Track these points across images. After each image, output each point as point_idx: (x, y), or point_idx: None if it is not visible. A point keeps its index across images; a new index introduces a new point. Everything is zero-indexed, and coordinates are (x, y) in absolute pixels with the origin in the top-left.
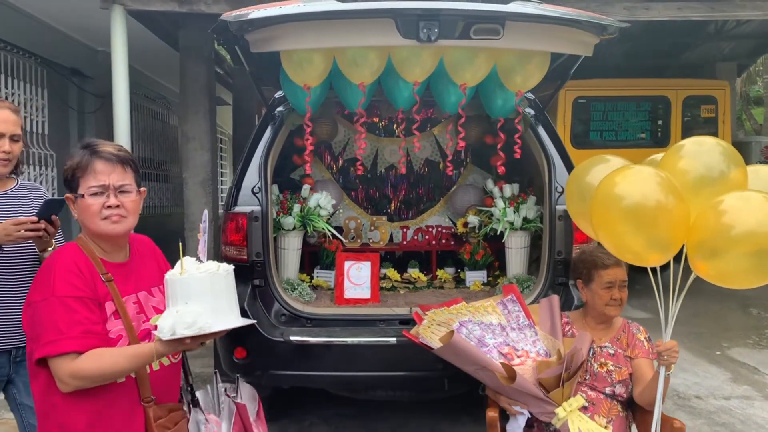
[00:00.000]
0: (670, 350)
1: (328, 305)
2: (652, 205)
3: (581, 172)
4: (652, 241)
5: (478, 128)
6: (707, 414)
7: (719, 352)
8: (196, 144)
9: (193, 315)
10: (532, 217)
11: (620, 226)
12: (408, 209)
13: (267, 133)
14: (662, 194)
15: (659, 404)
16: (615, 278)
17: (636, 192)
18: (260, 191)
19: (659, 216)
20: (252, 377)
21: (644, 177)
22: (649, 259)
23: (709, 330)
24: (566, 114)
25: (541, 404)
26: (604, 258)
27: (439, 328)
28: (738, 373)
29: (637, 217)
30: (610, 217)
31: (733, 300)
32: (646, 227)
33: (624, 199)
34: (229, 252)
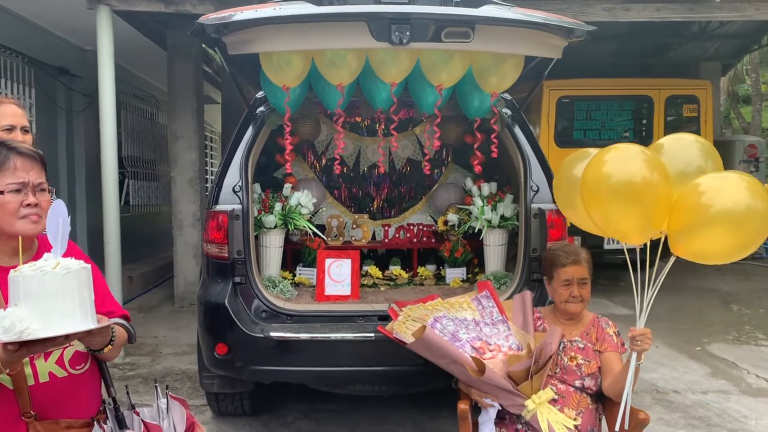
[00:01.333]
0: (643, 336)
1: (309, 302)
2: (638, 182)
3: (568, 166)
4: (638, 218)
5: (459, 128)
6: (684, 408)
7: (699, 348)
8: (184, 143)
9: (10, 318)
10: (509, 215)
11: (609, 203)
12: (390, 208)
13: (248, 132)
14: (648, 171)
15: (628, 391)
16: (572, 276)
17: (623, 169)
18: (241, 190)
19: (645, 192)
20: (233, 372)
21: (631, 155)
22: (633, 236)
23: (690, 326)
24: (550, 113)
25: (510, 397)
26: (563, 256)
27: (414, 324)
28: (716, 368)
29: (625, 194)
30: (600, 194)
31: (714, 296)
32: (633, 203)
33: (612, 176)
34: (210, 249)
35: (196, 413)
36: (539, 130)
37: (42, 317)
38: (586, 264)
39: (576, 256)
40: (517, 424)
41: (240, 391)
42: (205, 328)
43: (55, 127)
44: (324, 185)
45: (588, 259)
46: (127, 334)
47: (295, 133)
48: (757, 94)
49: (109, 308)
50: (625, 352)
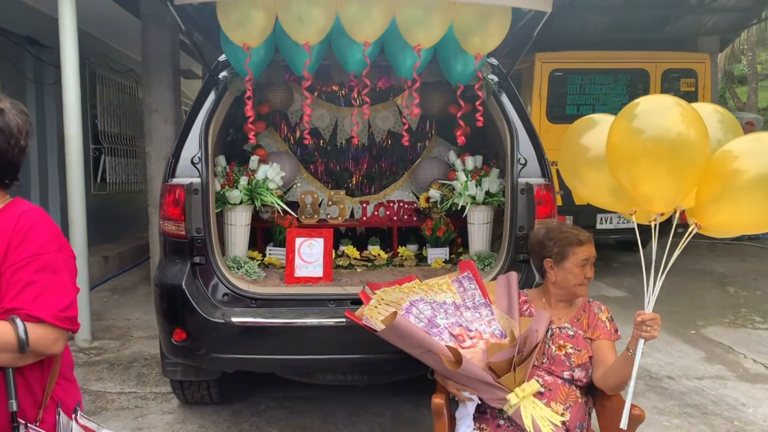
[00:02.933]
0: (653, 321)
1: (277, 284)
2: (674, 137)
3: (574, 134)
4: (671, 180)
5: (442, 98)
6: (679, 395)
7: (694, 331)
8: (159, 116)
9: None
10: (494, 191)
11: (638, 163)
12: (370, 184)
13: (209, 99)
14: (685, 126)
15: (632, 386)
16: (590, 255)
17: (658, 123)
18: (200, 162)
19: (682, 149)
20: (193, 360)
21: (666, 107)
22: (660, 202)
23: (685, 309)
24: (542, 87)
25: (491, 390)
26: (579, 234)
27: (387, 309)
28: (712, 353)
29: (658, 151)
30: (629, 152)
31: (710, 278)
32: (667, 162)
33: (644, 131)
34: (167, 227)
35: (162, 401)
36: (530, 105)
37: None
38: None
39: (587, 234)
40: (499, 419)
41: (206, 378)
42: (161, 312)
43: (23, 100)
44: (298, 159)
45: None
46: (15, 337)
47: (265, 101)
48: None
49: (13, 305)
50: (618, 339)
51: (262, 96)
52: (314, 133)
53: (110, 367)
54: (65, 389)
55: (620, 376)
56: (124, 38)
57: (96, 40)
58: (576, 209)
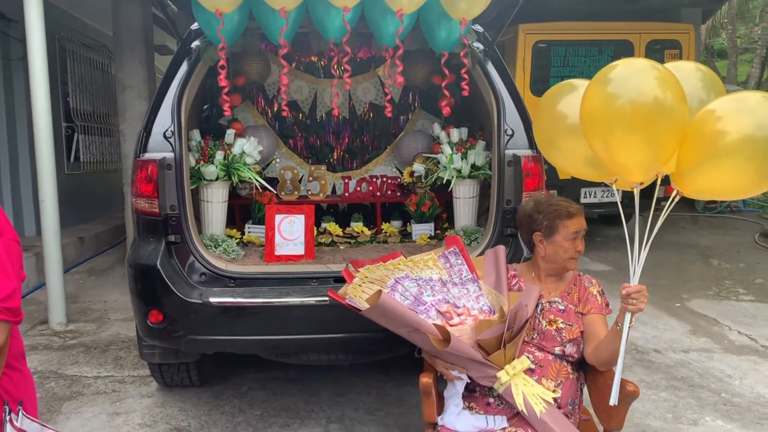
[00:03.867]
0: (639, 293)
1: (257, 263)
2: (649, 102)
3: (550, 100)
4: (648, 147)
5: (426, 68)
6: (665, 368)
7: (679, 304)
8: (132, 92)
9: None
10: (480, 164)
11: (613, 130)
12: (352, 158)
13: (181, 70)
14: (661, 90)
15: (621, 361)
16: (580, 228)
17: (632, 87)
18: (173, 135)
19: (658, 115)
20: (170, 343)
21: (640, 69)
22: (636, 171)
23: (669, 282)
24: (526, 59)
25: (481, 368)
26: (569, 206)
27: (372, 286)
28: (697, 325)
29: (633, 118)
30: (603, 119)
31: (693, 251)
32: (642, 129)
33: (618, 97)
34: (140, 205)
35: (141, 385)
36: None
37: None
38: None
39: (577, 206)
40: (489, 397)
41: (185, 361)
42: (136, 294)
43: None
44: (276, 133)
45: None
46: None
47: (241, 73)
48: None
49: None
50: (610, 313)
51: (237, 67)
52: (293, 106)
53: (86, 350)
54: (13, 380)
55: (610, 350)
56: (95, 12)
57: (66, 14)
58: (560, 183)
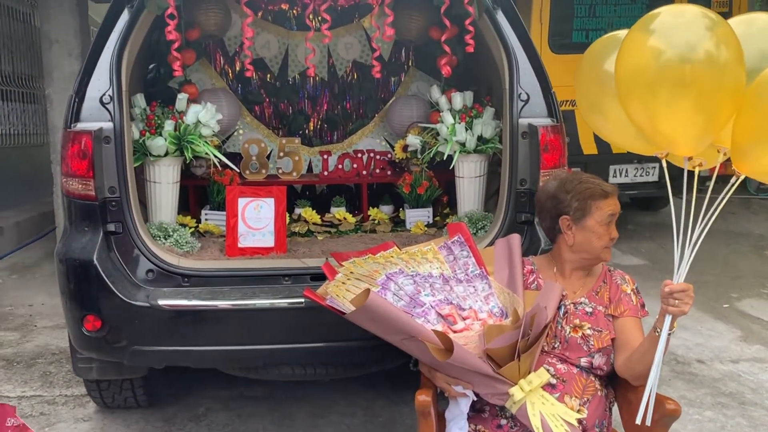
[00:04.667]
0: (684, 293)
1: (216, 257)
2: (699, 60)
3: (593, 57)
4: (696, 115)
5: (422, 18)
6: (711, 382)
7: (727, 305)
8: (60, 48)
9: None
10: (489, 136)
11: (654, 93)
12: (332, 129)
13: (121, 21)
14: (714, 45)
15: (656, 374)
16: (616, 209)
17: (678, 42)
18: (112, 101)
19: (708, 75)
20: (110, 355)
21: (690, 19)
22: (683, 143)
23: (716, 278)
24: (543, 8)
25: (490, 383)
26: (602, 184)
27: (358, 284)
28: (749, 331)
29: (678, 78)
30: (643, 80)
31: (745, 241)
32: (689, 92)
33: (662, 53)
34: (72, 186)
35: (75, 406)
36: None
37: None
38: None
39: (611, 185)
40: (500, 418)
41: (129, 377)
42: (68, 295)
43: None
44: (239, 99)
45: None
46: None
47: (195, 24)
48: None
49: None
50: (646, 316)
51: (191, 17)
52: (260, 65)
53: (8, 364)
54: None
55: (646, 361)
56: None
57: None
58: (584, 159)
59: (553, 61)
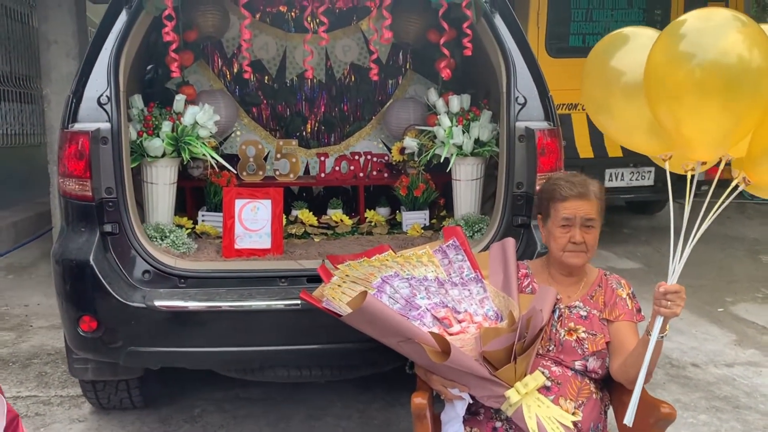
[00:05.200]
0: (677, 294)
1: (213, 259)
2: (732, 63)
3: (601, 54)
4: (723, 119)
5: (420, 21)
6: (706, 386)
7: (722, 309)
8: (59, 49)
9: None
10: (486, 139)
11: (683, 97)
12: (329, 132)
13: (119, 21)
14: (747, 48)
15: (643, 374)
16: (575, 213)
17: (713, 45)
18: (109, 102)
19: (742, 79)
20: (106, 355)
21: (723, 22)
22: (700, 149)
23: (711, 282)
24: (540, 12)
25: (486, 386)
26: (565, 187)
27: (354, 287)
28: (744, 335)
29: (711, 82)
30: (673, 82)
31: (740, 245)
32: (719, 95)
33: (694, 57)
34: (69, 187)
35: (71, 407)
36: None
37: None
38: (596, 200)
39: (583, 187)
40: (495, 421)
41: (125, 378)
42: (64, 296)
43: None
44: (237, 100)
45: (601, 195)
46: None
47: (193, 26)
48: None
49: None
50: (641, 321)
51: (189, 19)
52: (257, 67)
53: (3, 365)
54: None
55: (641, 365)
56: None
57: None
58: (580, 163)
59: (550, 65)
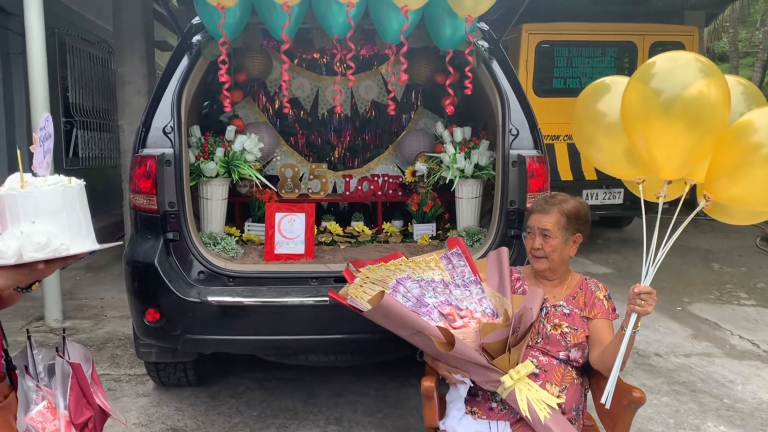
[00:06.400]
0: (649, 295)
1: (256, 262)
2: (694, 96)
3: (588, 99)
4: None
5: (429, 66)
6: (667, 372)
7: (680, 308)
8: (132, 88)
9: (45, 235)
10: (484, 164)
11: (653, 125)
12: (353, 157)
13: (182, 65)
14: (706, 85)
15: (618, 362)
16: (534, 224)
17: (676, 81)
18: (173, 131)
19: (702, 111)
20: (167, 342)
21: (685, 63)
22: (667, 168)
23: (671, 285)
24: (529, 59)
25: (484, 372)
26: (536, 203)
27: (373, 287)
28: (699, 330)
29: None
30: (644, 113)
31: (694, 254)
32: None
33: (663, 90)
34: (138, 201)
35: (137, 384)
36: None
37: (70, 234)
38: (557, 215)
39: (549, 204)
40: (491, 402)
41: (182, 360)
42: (133, 291)
43: None
44: (277, 131)
45: (568, 212)
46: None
47: (242, 69)
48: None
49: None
50: (616, 318)
51: (239, 63)
52: (295, 103)
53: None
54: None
55: (617, 356)
56: (96, 7)
57: (66, 8)
58: (561, 184)
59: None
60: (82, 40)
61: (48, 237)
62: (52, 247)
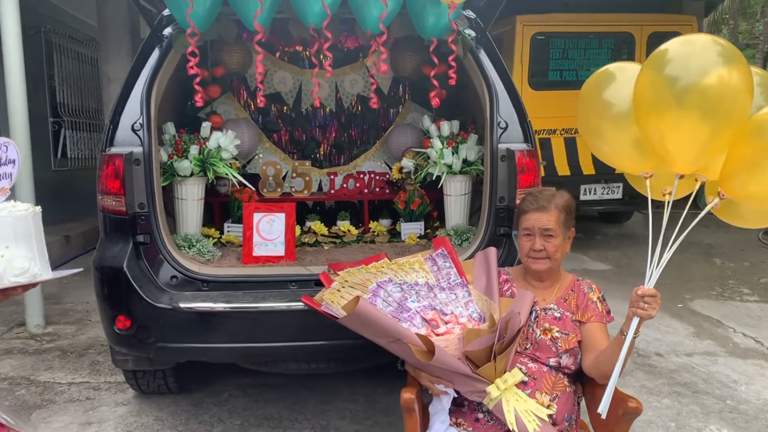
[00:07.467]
0: (653, 298)
1: (233, 265)
2: (714, 84)
3: (593, 87)
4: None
5: (415, 57)
6: (668, 373)
7: (681, 305)
8: (118, 86)
9: (25, 260)
10: (473, 159)
11: (668, 114)
12: (339, 153)
13: (151, 58)
14: (727, 71)
15: (618, 369)
16: (533, 225)
17: (694, 66)
18: (142, 128)
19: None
20: (138, 350)
21: (705, 47)
22: (680, 162)
23: (671, 281)
24: (524, 52)
25: (469, 382)
26: (529, 201)
27: (352, 292)
28: (701, 327)
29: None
30: (658, 102)
31: (696, 249)
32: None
33: (678, 77)
34: (106, 203)
35: (117, 392)
36: (512, 71)
37: (37, 259)
38: (556, 212)
39: (545, 201)
40: (478, 412)
41: (161, 367)
42: (102, 298)
43: None
44: (259, 127)
45: (564, 207)
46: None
47: (220, 63)
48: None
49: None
50: (611, 321)
51: (216, 57)
52: (277, 98)
53: (63, 354)
54: None
55: (613, 362)
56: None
57: (52, 6)
58: (558, 180)
59: (532, 97)
60: (70, 39)
61: (27, 262)
62: (32, 272)
